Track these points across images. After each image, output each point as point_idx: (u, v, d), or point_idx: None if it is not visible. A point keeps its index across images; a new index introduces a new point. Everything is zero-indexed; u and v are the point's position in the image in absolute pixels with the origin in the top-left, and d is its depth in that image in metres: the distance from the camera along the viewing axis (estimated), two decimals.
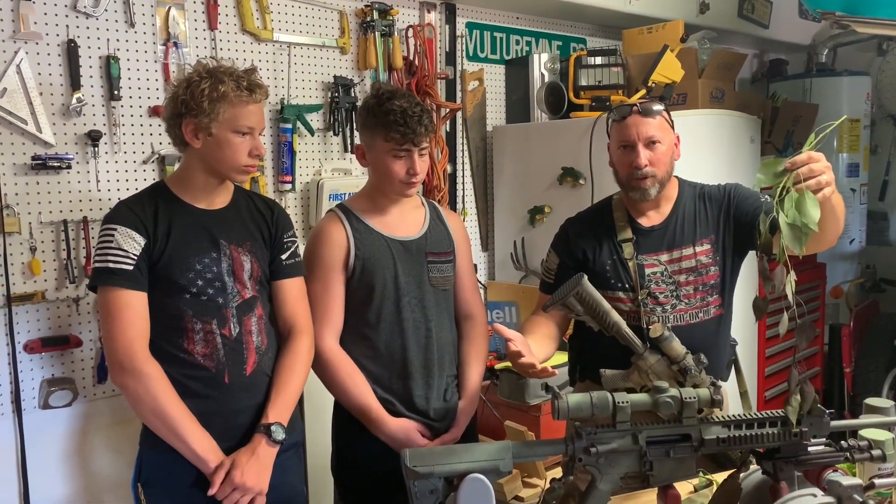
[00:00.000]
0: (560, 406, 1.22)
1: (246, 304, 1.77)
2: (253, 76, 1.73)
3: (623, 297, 1.89)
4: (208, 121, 1.67)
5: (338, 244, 1.91)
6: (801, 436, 1.27)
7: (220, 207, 1.80)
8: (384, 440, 1.91)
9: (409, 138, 1.86)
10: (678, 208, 1.95)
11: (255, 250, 1.81)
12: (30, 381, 2.16)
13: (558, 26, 3.59)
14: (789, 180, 1.41)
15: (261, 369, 1.78)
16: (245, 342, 1.76)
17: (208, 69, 1.70)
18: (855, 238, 4.35)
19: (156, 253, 1.69)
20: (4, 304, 2.09)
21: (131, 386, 1.64)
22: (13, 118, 2.07)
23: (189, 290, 1.70)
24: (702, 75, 3.07)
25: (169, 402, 1.64)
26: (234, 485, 1.65)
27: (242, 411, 1.75)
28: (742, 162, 3.10)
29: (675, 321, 1.86)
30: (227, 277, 1.75)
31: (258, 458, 1.69)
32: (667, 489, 1.29)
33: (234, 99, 1.68)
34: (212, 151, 1.71)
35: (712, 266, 1.91)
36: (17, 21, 2.07)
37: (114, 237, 1.66)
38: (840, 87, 4.32)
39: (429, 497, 1.19)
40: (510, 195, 3.25)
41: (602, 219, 1.98)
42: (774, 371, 3.55)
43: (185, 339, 1.71)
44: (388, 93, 1.90)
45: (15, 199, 2.10)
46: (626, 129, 1.86)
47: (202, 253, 1.73)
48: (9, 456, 2.13)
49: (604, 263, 1.92)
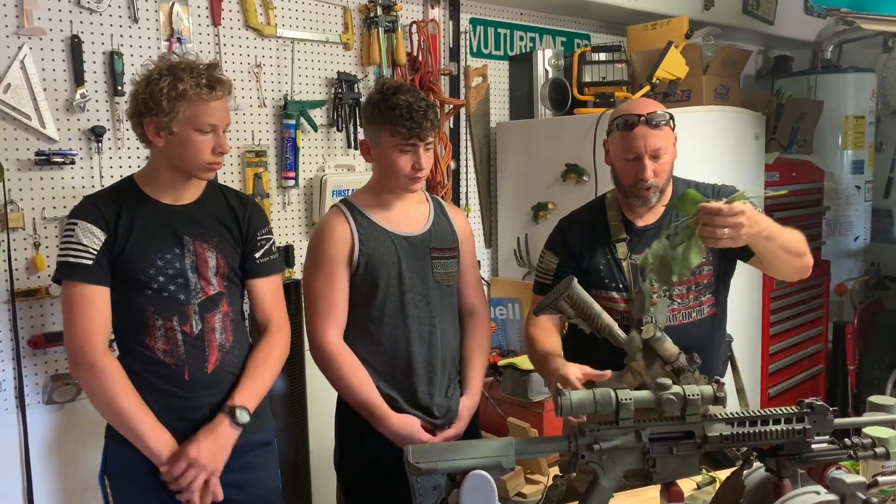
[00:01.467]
0: (563, 403, 1.21)
1: (210, 301, 1.74)
2: (214, 71, 1.69)
3: (617, 297, 1.88)
4: (168, 120, 1.64)
5: (342, 239, 1.91)
6: (804, 433, 1.27)
7: (187, 203, 1.77)
8: (387, 436, 1.91)
9: (414, 133, 1.85)
10: (672, 208, 1.94)
11: (223, 247, 1.77)
12: (33, 377, 2.17)
13: (562, 22, 3.58)
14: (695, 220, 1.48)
15: (223, 367, 1.75)
16: (207, 339, 1.73)
17: (169, 65, 1.67)
18: (859, 235, 4.34)
19: (117, 248, 1.67)
20: (8, 300, 2.09)
21: (86, 379, 1.63)
22: (17, 113, 2.08)
23: (150, 286, 1.68)
24: (706, 72, 3.06)
25: (121, 397, 1.61)
26: (189, 460, 1.62)
27: (203, 408, 1.72)
28: (746, 159, 3.09)
29: (668, 320, 1.85)
30: (191, 273, 1.72)
31: (217, 438, 1.66)
32: (670, 486, 1.29)
33: (193, 97, 1.64)
34: (174, 150, 1.68)
35: (705, 266, 1.90)
36: (20, 16, 2.07)
37: (74, 231, 1.65)
38: (845, 84, 4.30)
39: (431, 493, 1.19)
40: (514, 192, 3.25)
41: (596, 218, 1.97)
42: (778, 368, 3.54)
43: (146, 336, 1.69)
44: (394, 88, 1.89)
45: (19, 194, 2.11)
46: (633, 141, 1.83)
47: (164, 249, 1.70)
48: (12, 451, 2.14)
49: (598, 263, 1.91)
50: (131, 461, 1.66)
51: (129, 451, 1.65)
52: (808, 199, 3.79)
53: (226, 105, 1.73)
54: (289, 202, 2.66)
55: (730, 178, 2.96)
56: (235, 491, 1.72)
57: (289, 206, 2.67)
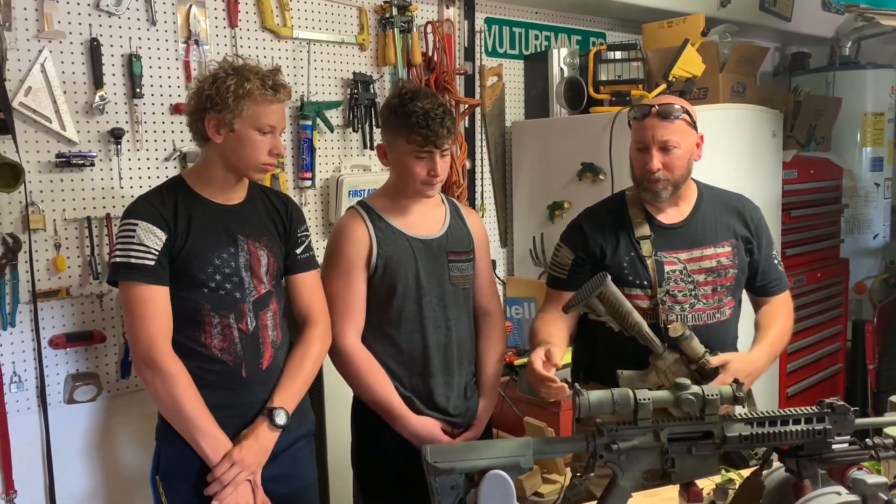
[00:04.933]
0: (581, 403, 1.21)
1: (262, 299, 1.79)
2: (278, 76, 1.75)
3: (640, 295, 1.88)
4: (231, 116, 1.69)
5: (360, 242, 1.91)
6: (825, 433, 1.26)
7: (236, 203, 1.81)
8: (407, 437, 1.92)
9: (430, 140, 1.85)
10: (700, 209, 1.94)
11: (272, 245, 1.82)
12: (55, 377, 2.19)
13: (577, 21, 3.57)
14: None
15: (276, 363, 1.80)
16: (261, 336, 1.78)
17: (234, 66, 1.72)
18: (879, 233, 4.30)
19: (176, 248, 1.70)
20: (30, 300, 2.12)
21: (151, 381, 1.67)
22: (38, 116, 2.10)
23: (207, 284, 1.72)
24: (723, 69, 3.04)
25: (186, 402, 1.66)
26: (233, 460, 1.68)
27: (258, 404, 1.77)
28: (764, 157, 3.07)
29: (693, 320, 1.85)
30: (245, 272, 1.77)
31: (257, 440, 1.72)
32: (689, 486, 1.28)
33: (258, 97, 1.69)
34: (233, 147, 1.72)
35: (731, 269, 1.91)
36: (41, 20, 2.10)
37: (135, 232, 1.67)
38: (864, 81, 4.26)
39: (449, 493, 1.19)
40: (529, 191, 3.24)
41: (617, 214, 1.96)
42: (796, 367, 3.52)
43: (202, 333, 1.73)
44: (412, 93, 1.89)
45: (39, 196, 2.13)
46: (642, 130, 1.86)
47: (220, 248, 1.74)
48: (34, 450, 2.16)
49: (621, 260, 1.90)
50: (184, 463, 1.71)
51: (182, 453, 1.69)
52: (827, 196, 3.76)
53: (283, 109, 1.78)
54: (305, 203, 2.68)
55: (747, 175, 2.96)
56: (276, 483, 1.77)
57: (305, 206, 2.68)
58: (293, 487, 1.84)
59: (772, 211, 3.20)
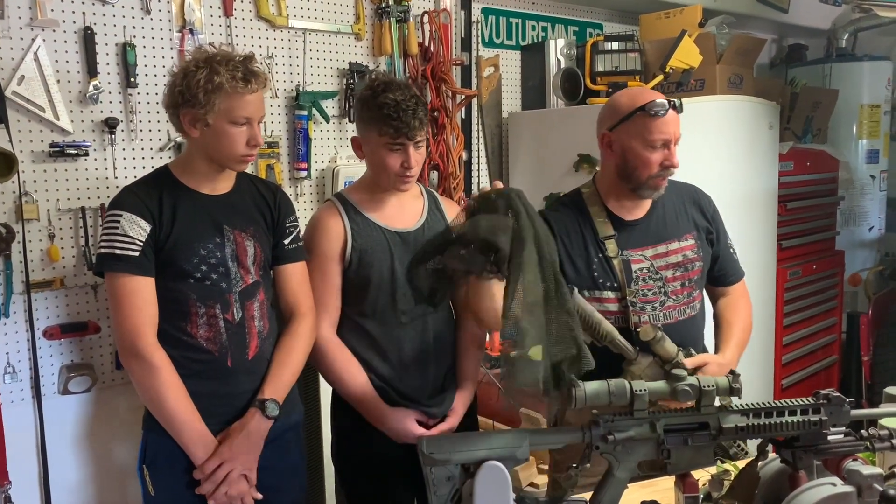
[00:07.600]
0: (577, 394, 1.21)
1: (249, 290, 1.78)
2: (250, 64, 1.71)
3: (610, 297, 1.81)
4: (204, 112, 1.66)
5: (335, 235, 1.90)
6: (820, 425, 1.26)
7: (223, 192, 1.80)
8: (382, 430, 1.91)
9: (403, 132, 1.83)
10: (659, 202, 1.89)
11: (259, 235, 1.82)
12: (49, 367, 2.18)
13: (575, 11, 3.56)
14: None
15: (262, 354, 1.80)
16: (248, 327, 1.78)
17: (206, 57, 1.68)
18: (874, 225, 4.30)
19: (161, 238, 1.70)
20: (24, 291, 2.11)
21: (135, 371, 1.68)
22: (31, 105, 2.08)
23: (193, 274, 1.72)
24: (720, 61, 3.03)
25: (169, 393, 1.66)
26: (222, 458, 1.68)
27: (244, 394, 1.76)
28: (760, 148, 3.07)
29: (664, 318, 1.82)
30: (231, 262, 1.76)
31: (249, 434, 1.72)
32: (684, 477, 1.29)
33: (229, 90, 1.66)
34: (209, 141, 1.71)
35: (697, 261, 1.88)
36: (34, 8, 2.08)
37: (119, 223, 1.67)
38: (861, 73, 4.26)
39: (445, 484, 1.19)
40: (526, 182, 3.23)
41: (578, 215, 1.89)
42: (791, 359, 3.53)
43: (188, 323, 1.72)
44: (383, 85, 1.86)
45: (33, 186, 2.12)
46: (664, 126, 1.77)
47: (206, 238, 1.74)
48: (28, 441, 2.16)
49: (589, 263, 1.83)
50: (171, 451, 1.70)
51: (168, 442, 1.70)
52: (823, 188, 3.77)
53: (261, 97, 1.75)
54: (301, 193, 2.67)
55: (744, 167, 2.96)
56: (263, 472, 1.76)
57: (301, 197, 2.67)
58: (281, 477, 1.84)
59: (768, 203, 3.21)
